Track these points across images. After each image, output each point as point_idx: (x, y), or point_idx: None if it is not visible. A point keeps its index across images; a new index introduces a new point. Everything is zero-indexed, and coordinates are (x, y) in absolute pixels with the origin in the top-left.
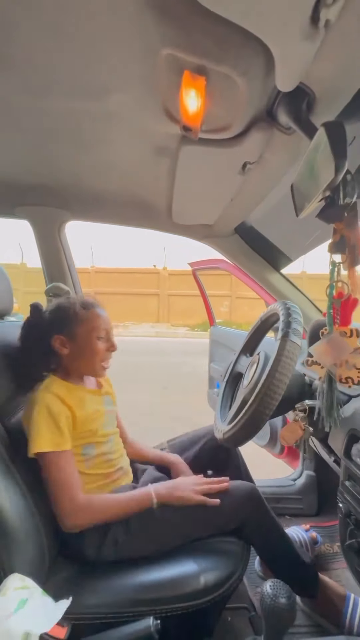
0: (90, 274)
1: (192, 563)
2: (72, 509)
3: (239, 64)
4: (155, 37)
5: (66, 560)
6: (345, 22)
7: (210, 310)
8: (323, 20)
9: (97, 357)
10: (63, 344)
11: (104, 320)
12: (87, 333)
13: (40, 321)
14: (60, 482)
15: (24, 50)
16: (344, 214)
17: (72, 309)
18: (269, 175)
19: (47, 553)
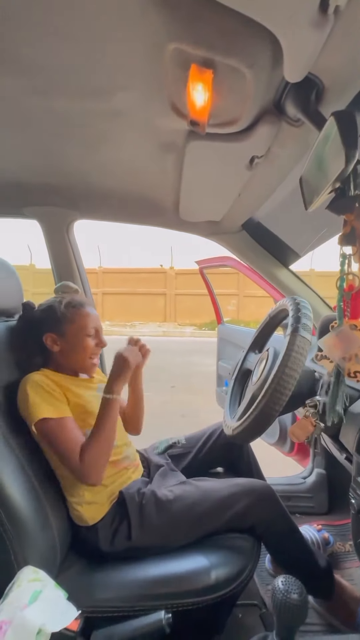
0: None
1: (203, 559)
2: (84, 467)
3: (247, 56)
4: (161, 32)
5: (78, 554)
6: (355, 7)
7: (218, 308)
8: (332, 6)
9: (86, 353)
10: (54, 342)
11: (92, 318)
12: (77, 331)
13: (32, 319)
14: (67, 447)
15: (30, 51)
16: (355, 205)
17: (59, 309)
18: (277, 170)
19: (58, 547)
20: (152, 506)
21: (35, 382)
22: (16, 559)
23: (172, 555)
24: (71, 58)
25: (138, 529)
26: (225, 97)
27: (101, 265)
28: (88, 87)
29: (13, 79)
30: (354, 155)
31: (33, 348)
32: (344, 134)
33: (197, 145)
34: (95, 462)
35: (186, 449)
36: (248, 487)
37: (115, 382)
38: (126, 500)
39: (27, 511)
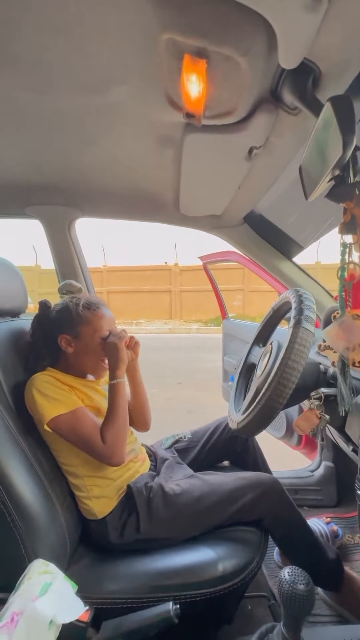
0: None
1: (210, 551)
2: (107, 448)
3: (240, 44)
4: (154, 22)
5: (87, 548)
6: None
7: (223, 304)
8: None
9: (99, 355)
10: (69, 343)
11: (107, 320)
12: (91, 333)
13: (47, 318)
14: (87, 434)
15: (24, 47)
16: (355, 193)
17: (77, 309)
18: (276, 160)
19: (68, 540)
20: (159, 500)
21: (40, 383)
22: (27, 552)
23: (180, 547)
24: (66, 53)
25: (146, 522)
26: (220, 87)
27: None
28: (84, 82)
29: (8, 76)
30: (351, 141)
31: (44, 347)
32: (341, 119)
33: (195, 138)
34: (117, 441)
35: (192, 443)
36: (255, 481)
37: (115, 367)
38: (134, 494)
39: (37, 507)
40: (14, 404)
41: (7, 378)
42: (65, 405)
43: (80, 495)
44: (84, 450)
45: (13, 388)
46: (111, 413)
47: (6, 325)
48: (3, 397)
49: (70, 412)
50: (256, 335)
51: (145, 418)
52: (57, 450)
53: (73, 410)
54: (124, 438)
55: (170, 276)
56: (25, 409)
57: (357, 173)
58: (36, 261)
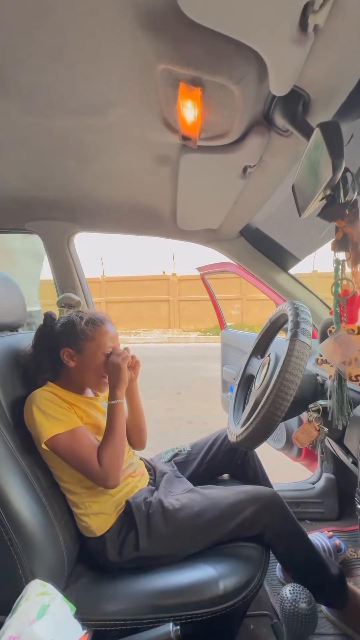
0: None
1: (211, 568)
2: (103, 470)
3: (233, 73)
4: (150, 53)
5: (85, 566)
6: (333, 25)
7: (221, 314)
8: (312, 25)
9: (101, 371)
10: (71, 357)
11: (111, 337)
12: (94, 349)
13: (52, 330)
14: (83, 455)
15: (27, 73)
16: (345, 212)
17: (81, 325)
18: (270, 178)
19: (66, 559)
20: (159, 515)
21: (40, 399)
22: (24, 572)
23: (180, 565)
24: (66, 79)
25: (146, 539)
26: (215, 112)
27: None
28: (83, 105)
29: (11, 99)
30: (341, 164)
31: (46, 359)
32: (330, 144)
33: (191, 158)
34: (113, 463)
35: (191, 455)
36: (254, 495)
37: (116, 387)
38: (133, 510)
39: (35, 525)
40: (12, 420)
41: (6, 393)
42: (64, 424)
43: (79, 512)
44: (80, 471)
45: (12, 403)
46: (109, 434)
47: (5, 339)
48: (2, 413)
49: (69, 431)
50: (254, 347)
51: (141, 437)
52: (55, 467)
53: (71, 430)
54: (121, 460)
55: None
56: (24, 425)
57: (347, 193)
58: None
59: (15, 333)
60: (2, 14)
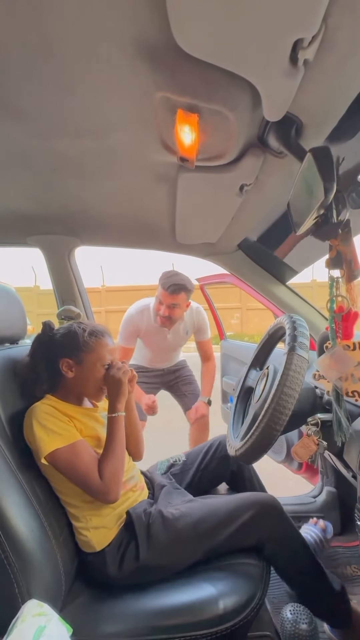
0: (101, 293)
1: (210, 587)
2: (104, 484)
3: (228, 101)
4: (149, 83)
5: (83, 584)
6: (322, 60)
7: (220, 324)
8: (302, 59)
9: (99, 383)
10: (70, 368)
11: (110, 349)
12: (95, 360)
13: (50, 340)
14: (84, 470)
15: (32, 100)
16: (338, 231)
17: (82, 336)
18: (266, 195)
19: (63, 577)
20: (159, 525)
21: (40, 414)
22: (20, 592)
23: (179, 582)
24: (68, 105)
25: (146, 548)
26: (211, 136)
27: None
28: (85, 130)
29: (15, 123)
30: (332, 187)
31: (44, 370)
32: (321, 168)
33: (189, 177)
34: (114, 477)
35: (187, 465)
36: (253, 499)
37: (116, 401)
38: (133, 520)
39: (32, 543)
40: (11, 434)
41: (5, 407)
42: (63, 438)
43: (79, 525)
44: (80, 486)
45: (11, 417)
46: (110, 447)
47: (5, 352)
48: (0, 427)
49: (69, 445)
50: (253, 359)
51: (139, 448)
52: (55, 482)
53: (71, 444)
54: (121, 473)
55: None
56: (23, 439)
57: (340, 213)
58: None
59: (15, 346)
60: (10, 49)
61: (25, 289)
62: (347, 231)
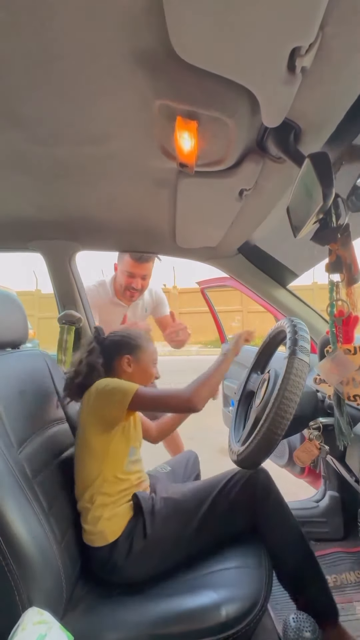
0: None
1: (212, 592)
2: (189, 391)
3: (227, 108)
4: (148, 91)
5: (84, 590)
6: (319, 67)
7: (221, 327)
8: (299, 67)
9: (149, 379)
10: (129, 364)
11: (156, 352)
12: (148, 359)
13: (109, 341)
14: (163, 394)
15: (34, 108)
16: (337, 235)
17: (142, 338)
18: (265, 200)
19: (64, 585)
20: (161, 501)
21: (110, 379)
22: (21, 599)
23: (181, 589)
24: (69, 113)
25: (150, 523)
26: (211, 142)
27: None
28: (84, 136)
29: (17, 130)
30: (330, 192)
31: (99, 366)
32: (319, 173)
33: (189, 182)
34: (202, 389)
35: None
36: (243, 472)
37: (234, 348)
38: (140, 501)
39: (33, 549)
40: (14, 439)
41: (9, 411)
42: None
43: (93, 517)
44: (167, 403)
45: (14, 421)
46: (207, 372)
47: (6, 357)
48: (3, 431)
49: (143, 387)
50: (254, 363)
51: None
52: (82, 457)
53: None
54: (208, 393)
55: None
56: (26, 444)
57: (339, 217)
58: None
59: (16, 350)
60: (12, 59)
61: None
62: (346, 235)
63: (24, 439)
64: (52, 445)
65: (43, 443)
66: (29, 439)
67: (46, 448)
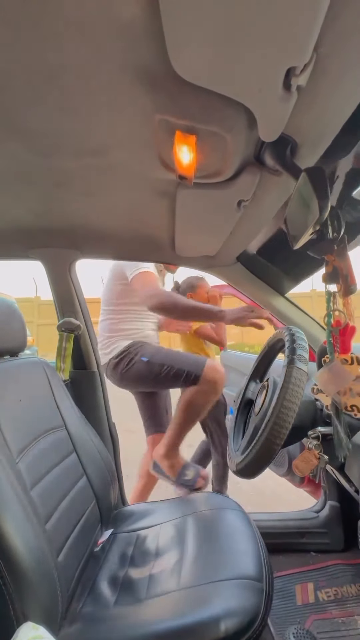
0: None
1: (211, 608)
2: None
3: (225, 123)
4: (148, 106)
5: (80, 607)
6: (314, 85)
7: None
8: (294, 86)
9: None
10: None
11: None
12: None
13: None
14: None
15: (35, 121)
16: (334, 247)
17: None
18: (263, 211)
19: (60, 600)
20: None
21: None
22: (15, 614)
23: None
24: (69, 125)
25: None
26: (209, 155)
27: None
28: (85, 148)
29: (18, 142)
30: (326, 205)
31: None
32: (315, 187)
33: (187, 193)
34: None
35: None
36: None
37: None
38: None
39: (30, 563)
40: (13, 449)
41: (6, 420)
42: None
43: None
44: None
45: (12, 430)
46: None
47: (4, 365)
48: (1, 440)
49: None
50: (252, 371)
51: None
52: None
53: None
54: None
55: None
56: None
57: (335, 229)
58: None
59: (15, 358)
60: (14, 74)
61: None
62: (342, 247)
63: (22, 448)
64: (51, 453)
65: (41, 452)
66: (27, 448)
67: (45, 457)
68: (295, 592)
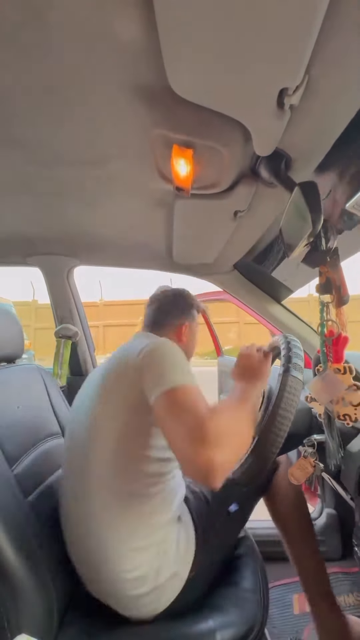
0: (99, 307)
1: (207, 619)
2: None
3: (221, 138)
4: (146, 120)
5: (75, 618)
6: (307, 104)
7: (217, 341)
8: (287, 104)
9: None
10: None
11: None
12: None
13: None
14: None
15: (35, 132)
16: (327, 258)
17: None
18: (259, 221)
19: (56, 611)
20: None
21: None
22: (9, 625)
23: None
24: (68, 136)
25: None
26: (206, 168)
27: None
28: (83, 159)
29: (18, 152)
30: (319, 218)
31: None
32: (308, 201)
33: (185, 203)
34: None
35: None
36: None
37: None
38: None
39: (25, 573)
40: (10, 457)
41: (3, 428)
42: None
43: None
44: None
45: (8, 438)
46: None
47: (2, 372)
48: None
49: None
50: None
51: None
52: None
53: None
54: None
55: None
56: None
57: (328, 241)
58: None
59: (12, 365)
60: (15, 87)
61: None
62: (335, 258)
63: (18, 456)
64: (48, 461)
65: (38, 459)
66: (23, 456)
67: (41, 464)
68: (292, 602)
